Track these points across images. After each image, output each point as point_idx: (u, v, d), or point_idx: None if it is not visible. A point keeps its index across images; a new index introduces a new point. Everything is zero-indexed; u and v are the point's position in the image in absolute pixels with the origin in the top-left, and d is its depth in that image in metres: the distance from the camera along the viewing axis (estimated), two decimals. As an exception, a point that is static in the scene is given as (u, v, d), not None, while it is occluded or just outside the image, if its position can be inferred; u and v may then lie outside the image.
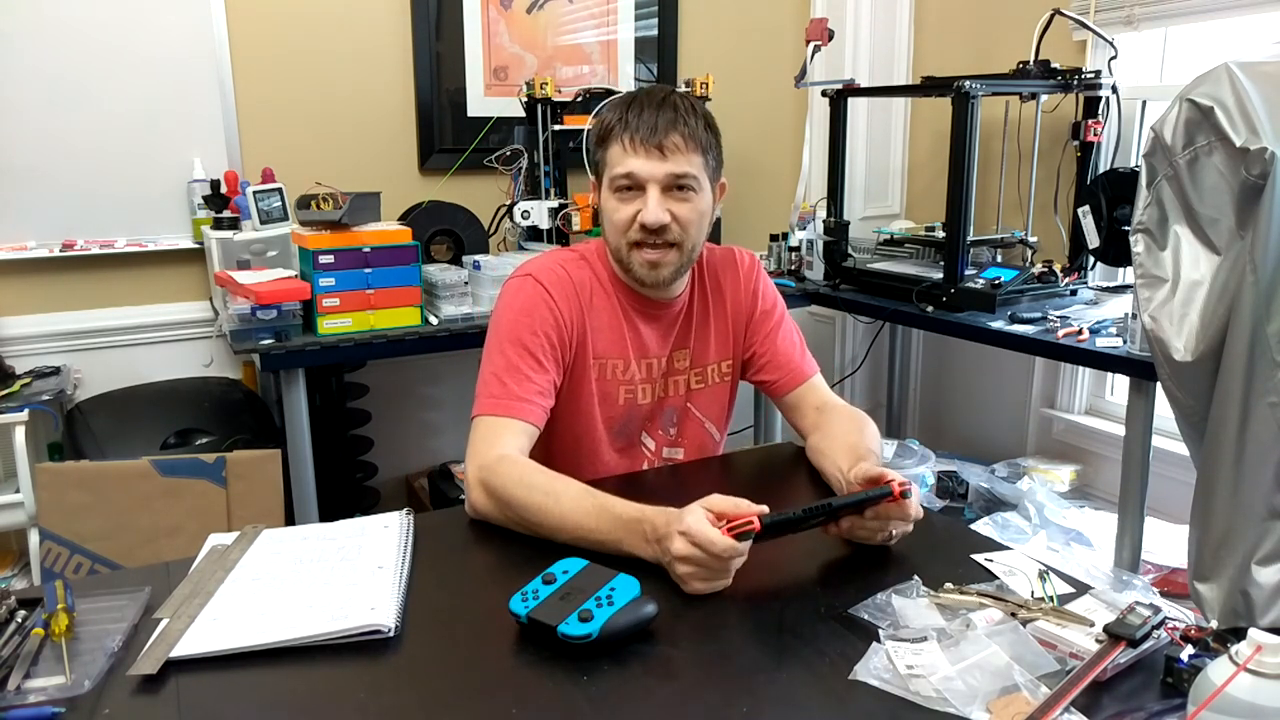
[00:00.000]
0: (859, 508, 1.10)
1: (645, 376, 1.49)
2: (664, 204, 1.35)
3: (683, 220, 1.37)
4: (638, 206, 1.36)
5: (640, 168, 1.34)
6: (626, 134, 1.34)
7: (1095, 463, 2.82)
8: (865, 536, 1.13)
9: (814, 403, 1.51)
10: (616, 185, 1.37)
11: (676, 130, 1.34)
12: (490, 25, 2.91)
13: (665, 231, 1.36)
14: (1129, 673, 0.89)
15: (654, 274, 1.40)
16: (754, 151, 3.31)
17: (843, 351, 3.46)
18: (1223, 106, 1.67)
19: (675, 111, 1.35)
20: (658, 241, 1.37)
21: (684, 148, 1.34)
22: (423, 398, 3.05)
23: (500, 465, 1.24)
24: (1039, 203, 2.72)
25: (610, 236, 1.42)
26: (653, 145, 1.33)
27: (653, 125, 1.33)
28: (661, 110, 1.34)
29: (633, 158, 1.34)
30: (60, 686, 0.88)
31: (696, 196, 1.38)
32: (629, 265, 1.40)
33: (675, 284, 1.47)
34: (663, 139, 1.33)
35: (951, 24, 3.14)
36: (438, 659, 0.95)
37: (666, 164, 1.34)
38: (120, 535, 2.05)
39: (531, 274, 1.43)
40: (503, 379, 1.35)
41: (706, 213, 1.41)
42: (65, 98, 2.44)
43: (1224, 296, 1.70)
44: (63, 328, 2.53)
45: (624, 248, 1.39)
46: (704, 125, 1.38)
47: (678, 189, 1.36)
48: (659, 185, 1.35)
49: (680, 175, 1.35)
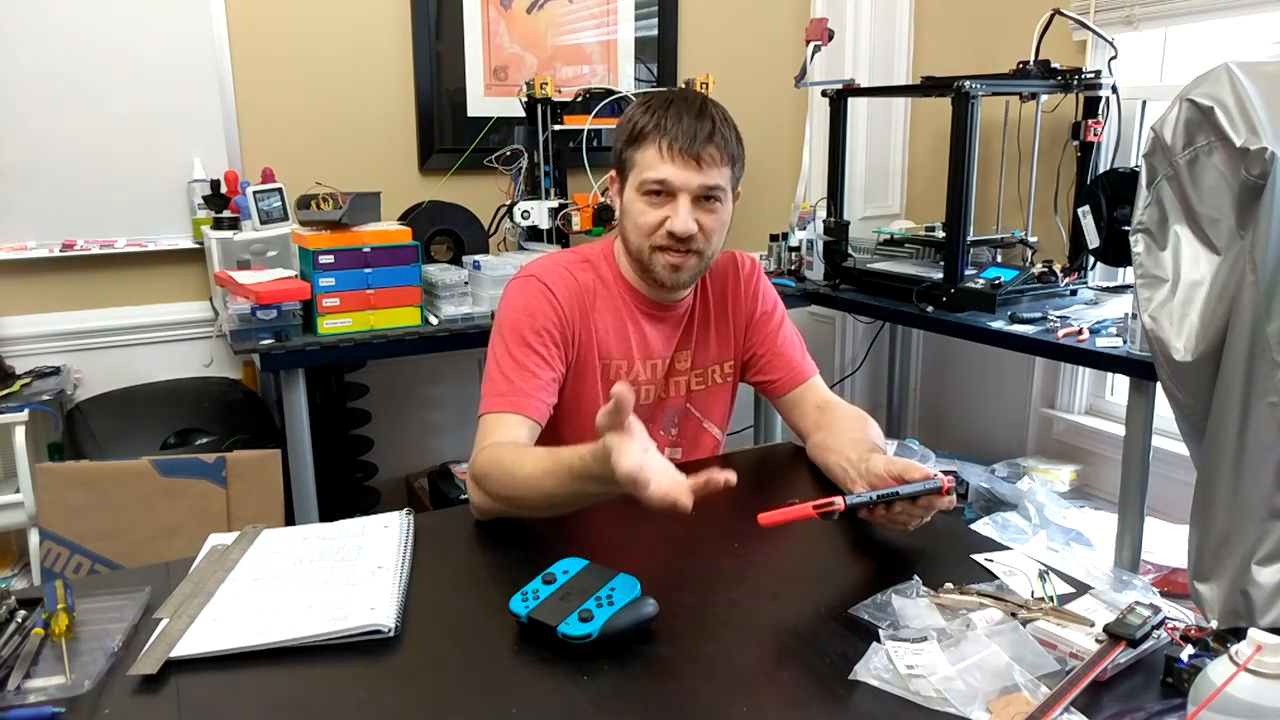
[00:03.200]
0: (915, 498, 1.14)
1: (650, 377, 1.50)
2: (693, 214, 1.36)
3: (707, 230, 1.38)
4: (666, 213, 1.37)
5: (675, 176, 1.35)
6: (665, 139, 1.34)
7: (1095, 463, 2.82)
8: (904, 521, 1.16)
9: (815, 401, 1.52)
10: (646, 189, 1.38)
11: (713, 142, 1.35)
12: (490, 25, 2.91)
13: (691, 240, 1.37)
14: (1129, 673, 0.89)
15: (675, 277, 1.41)
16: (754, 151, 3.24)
17: (843, 351, 3.46)
18: (1223, 106, 1.67)
19: (713, 123, 1.35)
20: (682, 249, 1.38)
21: (718, 160, 1.36)
22: (423, 398, 3.05)
23: (481, 457, 1.26)
24: (1039, 203, 2.73)
25: (633, 237, 1.42)
26: (690, 155, 1.34)
27: (692, 135, 1.34)
28: (700, 120, 1.35)
29: (668, 165, 1.35)
30: (60, 686, 0.88)
31: (722, 207, 1.40)
32: (649, 266, 1.41)
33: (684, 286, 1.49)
34: (700, 150, 1.34)
35: (951, 24, 3.14)
36: (438, 659, 0.95)
37: (701, 175, 1.35)
38: (120, 535, 2.05)
39: (535, 274, 1.45)
40: (507, 376, 1.36)
41: (727, 222, 1.43)
42: (65, 98, 2.44)
43: (1224, 296, 1.70)
44: (63, 328, 2.53)
45: (646, 250, 1.40)
46: (736, 138, 1.39)
47: (706, 199, 1.37)
48: (690, 195, 1.36)
49: (712, 187, 1.36)
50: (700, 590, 1.04)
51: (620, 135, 1.42)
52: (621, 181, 1.44)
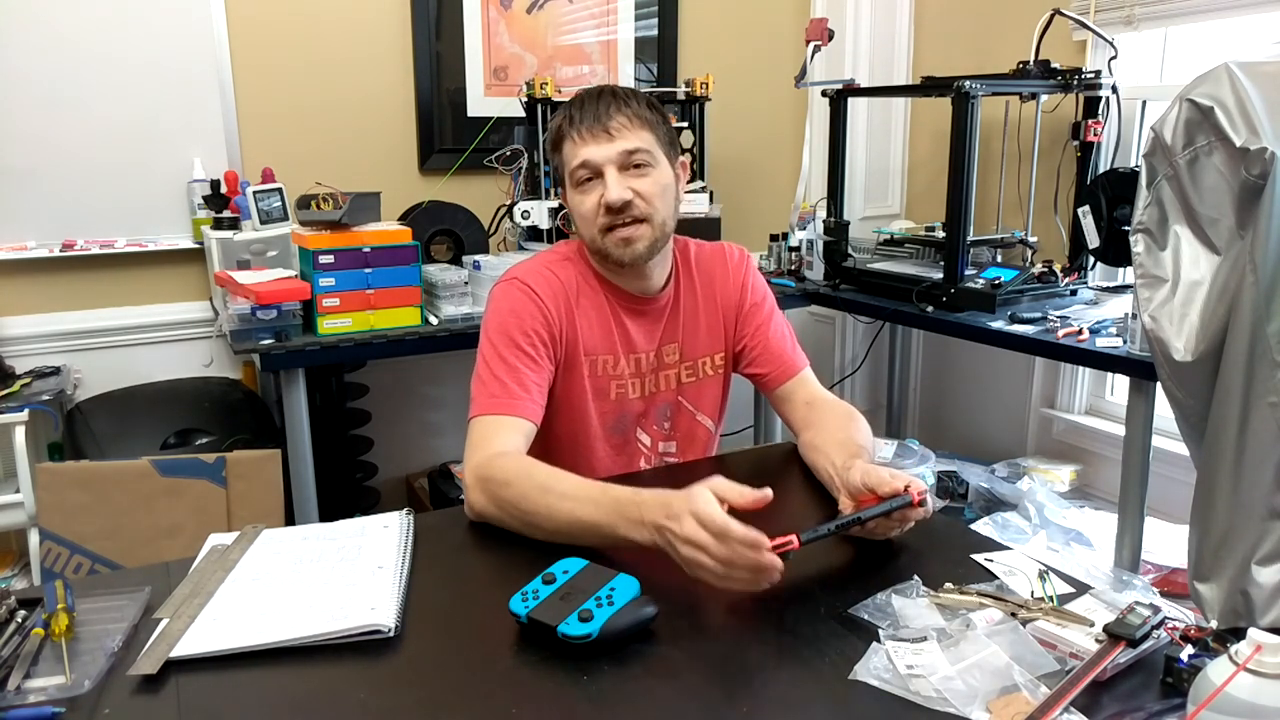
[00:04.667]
0: (885, 516, 1.13)
1: (634, 371, 1.50)
2: (623, 182, 1.38)
3: (645, 194, 1.39)
4: (600, 192, 1.39)
5: (593, 153, 1.38)
6: (574, 129, 1.39)
7: (1095, 463, 2.82)
8: (881, 533, 1.16)
9: (804, 397, 1.52)
10: (577, 179, 1.41)
11: (620, 112, 1.39)
12: (490, 25, 2.91)
13: (630, 208, 1.38)
14: (1129, 673, 0.89)
15: (629, 250, 1.41)
16: (754, 151, 3.31)
17: (843, 351, 3.46)
18: (1223, 106, 1.67)
19: (614, 97, 1.41)
20: (626, 219, 1.39)
21: (631, 125, 1.39)
22: (423, 398, 3.06)
23: (497, 462, 1.25)
24: (1039, 203, 2.72)
25: (584, 230, 1.44)
26: (599, 130, 1.38)
27: (595, 113, 1.39)
28: (601, 99, 1.40)
29: (584, 147, 1.38)
30: (60, 686, 0.88)
31: (654, 170, 1.41)
32: (605, 250, 1.42)
33: (656, 274, 1.49)
34: (608, 122, 1.38)
35: (951, 24, 3.14)
36: (438, 659, 0.94)
37: (616, 143, 1.38)
38: (120, 535, 2.05)
39: (517, 277, 1.45)
40: (499, 378, 1.36)
41: (670, 186, 1.43)
42: (65, 98, 2.45)
43: (1224, 296, 1.70)
44: (63, 328, 2.53)
45: (597, 236, 1.41)
46: (645, 104, 1.42)
47: (634, 167, 1.39)
48: (615, 165, 1.38)
49: (632, 151, 1.38)
50: (700, 590, 1.04)
51: (547, 148, 1.45)
52: (563, 189, 1.47)
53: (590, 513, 1.12)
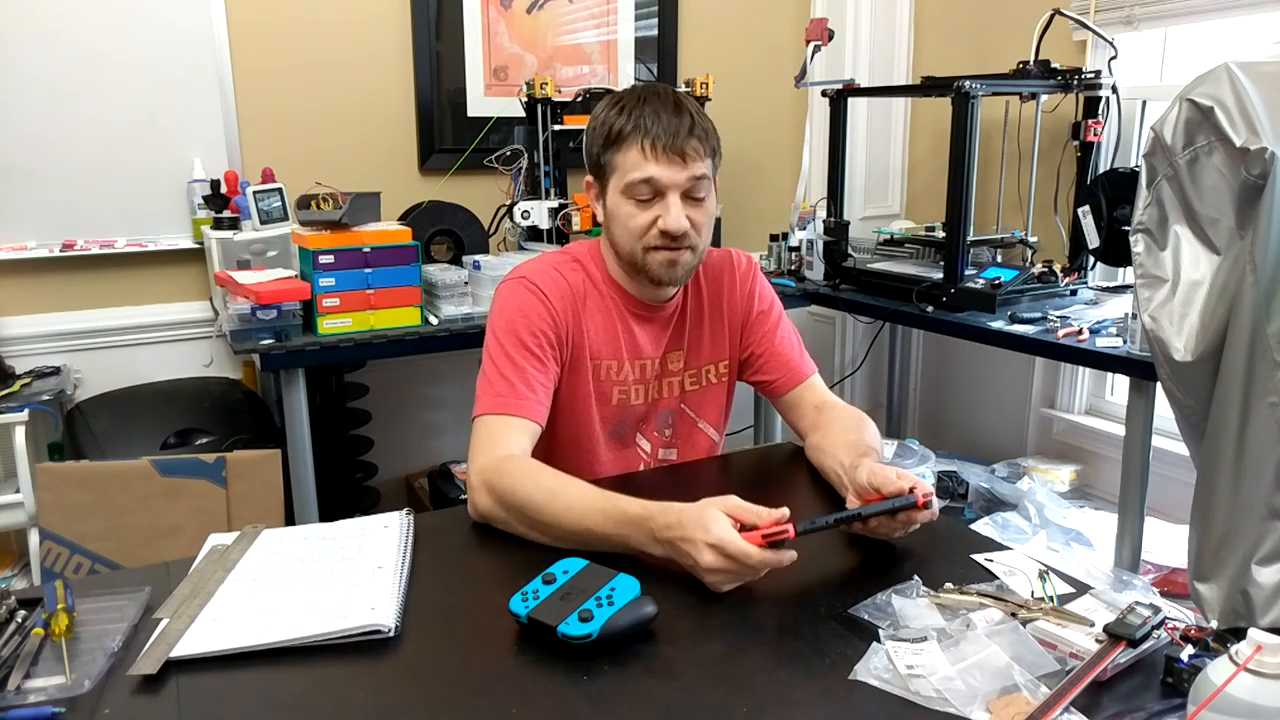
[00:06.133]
0: (889, 516, 1.13)
1: (639, 377, 1.49)
2: (684, 210, 1.35)
3: (698, 225, 1.38)
4: (656, 212, 1.35)
5: (662, 174, 1.33)
6: (646, 139, 1.33)
7: (1095, 463, 2.82)
8: (884, 533, 1.16)
9: (813, 402, 1.51)
10: (634, 191, 1.36)
11: (695, 135, 1.34)
12: (490, 25, 2.91)
13: (684, 237, 1.36)
14: (1129, 673, 0.89)
15: (671, 273, 1.40)
16: (754, 151, 3.31)
17: (843, 352, 3.46)
18: (1223, 106, 1.67)
19: (691, 118, 1.35)
20: (676, 245, 1.37)
21: (701, 153, 1.35)
22: (423, 398, 3.05)
23: (504, 465, 1.24)
24: (1039, 203, 2.73)
25: (623, 240, 1.40)
26: (674, 151, 1.32)
27: (674, 131, 1.32)
28: (679, 115, 1.34)
29: (653, 164, 1.33)
30: (60, 686, 0.88)
31: (708, 199, 1.39)
32: (644, 266, 1.40)
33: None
34: (684, 145, 1.33)
35: (951, 24, 3.14)
36: (438, 659, 0.94)
37: (687, 169, 1.34)
38: (120, 535, 2.05)
39: (524, 276, 1.43)
40: (505, 377, 1.35)
41: (714, 213, 1.43)
42: (65, 98, 2.45)
43: (1224, 296, 1.70)
44: (63, 328, 2.53)
45: (639, 251, 1.39)
46: (713, 128, 1.39)
47: (694, 194, 1.37)
48: (680, 191, 1.35)
49: (699, 178, 1.36)
50: (700, 590, 1.04)
51: (596, 139, 1.40)
52: (602, 186, 1.42)
53: (599, 523, 1.13)
